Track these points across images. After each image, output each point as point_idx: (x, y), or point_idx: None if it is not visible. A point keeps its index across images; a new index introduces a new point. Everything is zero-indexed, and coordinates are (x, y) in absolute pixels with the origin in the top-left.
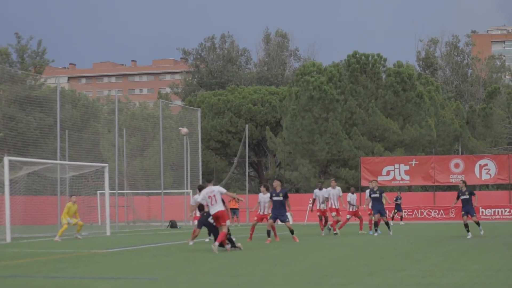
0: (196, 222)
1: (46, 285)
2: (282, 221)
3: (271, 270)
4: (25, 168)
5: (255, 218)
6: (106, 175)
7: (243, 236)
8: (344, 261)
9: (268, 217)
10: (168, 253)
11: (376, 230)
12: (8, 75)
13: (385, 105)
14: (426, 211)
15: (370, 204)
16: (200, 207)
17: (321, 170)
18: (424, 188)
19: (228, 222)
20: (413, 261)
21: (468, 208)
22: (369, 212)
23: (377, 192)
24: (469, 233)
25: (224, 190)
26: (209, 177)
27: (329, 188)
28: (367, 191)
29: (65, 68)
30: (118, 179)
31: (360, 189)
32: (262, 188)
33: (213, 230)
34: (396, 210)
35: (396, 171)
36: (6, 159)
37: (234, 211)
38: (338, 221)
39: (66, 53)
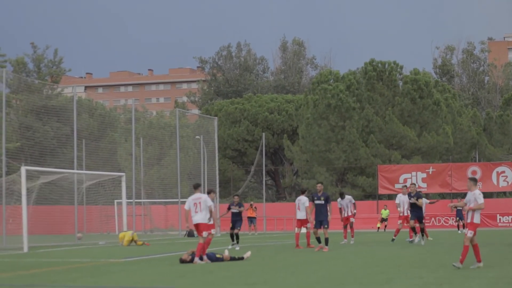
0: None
1: None
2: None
3: (288, 278)
4: (42, 178)
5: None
6: (123, 184)
7: (261, 245)
8: (361, 269)
9: (313, 226)
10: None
11: (416, 236)
12: (24, 84)
13: (402, 112)
14: (443, 218)
15: (407, 209)
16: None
17: (338, 178)
18: (442, 196)
19: (213, 231)
20: (430, 269)
21: None
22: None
23: (414, 197)
24: None
25: (211, 203)
26: (197, 184)
27: (400, 195)
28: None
29: (81, 77)
30: (135, 188)
31: (377, 197)
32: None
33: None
34: (458, 218)
35: (414, 179)
36: (23, 169)
37: (251, 219)
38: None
39: (83, 62)
